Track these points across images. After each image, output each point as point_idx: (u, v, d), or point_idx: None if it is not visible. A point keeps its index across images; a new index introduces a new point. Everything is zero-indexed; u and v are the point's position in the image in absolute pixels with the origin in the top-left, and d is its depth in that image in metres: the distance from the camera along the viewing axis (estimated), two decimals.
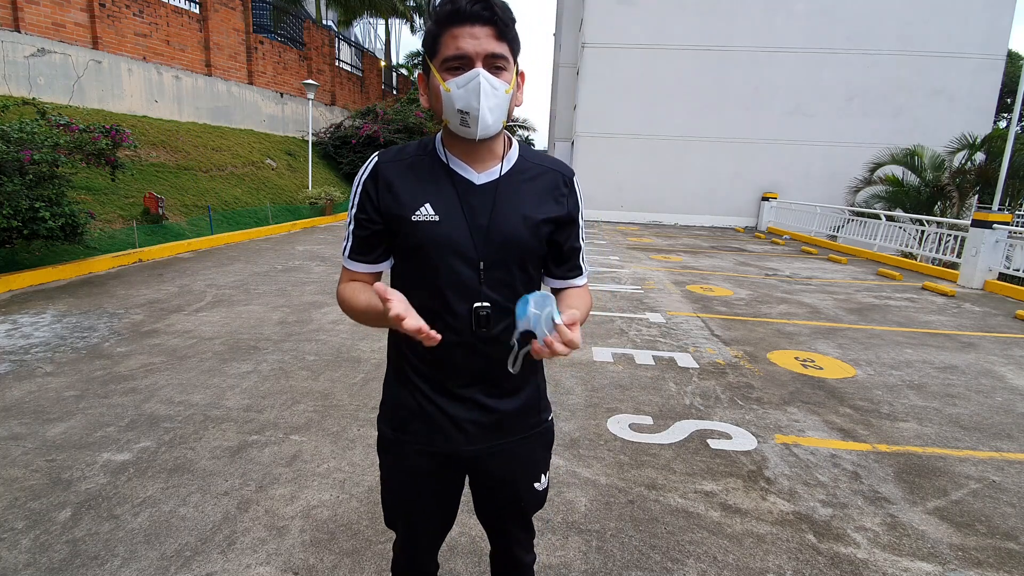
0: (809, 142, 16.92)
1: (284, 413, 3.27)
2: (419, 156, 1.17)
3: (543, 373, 1.34)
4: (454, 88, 1.04)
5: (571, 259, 1.26)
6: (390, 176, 1.15)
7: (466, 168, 1.14)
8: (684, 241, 13.24)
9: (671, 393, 3.78)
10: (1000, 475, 2.88)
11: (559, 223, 1.19)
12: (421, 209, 1.12)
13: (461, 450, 1.22)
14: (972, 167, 13.20)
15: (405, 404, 1.23)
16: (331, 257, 8.50)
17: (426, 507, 1.30)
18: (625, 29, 16.82)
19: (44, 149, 5.86)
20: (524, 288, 1.17)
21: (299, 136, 16.33)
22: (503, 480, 1.29)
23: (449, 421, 1.20)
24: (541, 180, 1.19)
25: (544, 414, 1.33)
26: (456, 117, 1.06)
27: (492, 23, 1.03)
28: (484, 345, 1.15)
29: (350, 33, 25.04)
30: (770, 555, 2.19)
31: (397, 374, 1.26)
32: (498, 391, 1.21)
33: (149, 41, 11.44)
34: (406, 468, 1.27)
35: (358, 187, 1.17)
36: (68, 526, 2.20)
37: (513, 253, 1.14)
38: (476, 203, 1.13)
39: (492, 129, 1.08)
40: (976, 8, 15.74)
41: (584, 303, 1.25)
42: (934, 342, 5.31)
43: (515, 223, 1.14)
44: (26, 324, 4.69)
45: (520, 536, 1.42)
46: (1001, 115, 24.07)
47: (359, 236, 1.18)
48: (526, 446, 1.29)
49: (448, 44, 1.04)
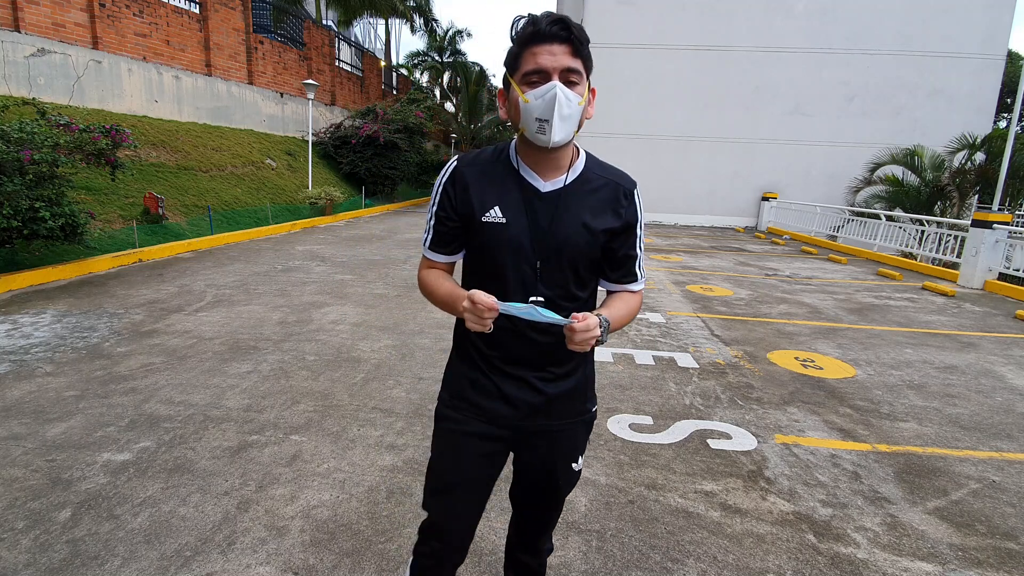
0: (809, 142, 16.91)
1: (284, 413, 3.27)
2: (493, 162, 1.29)
3: (592, 366, 1.45)
4: (532, 99, 1.14)
5: (625, 265, 1.35)
6: (467, 179, 1.27)
7: (534, 176, 1.26)
8: (684, 241, 13.24)
9: (671, 393, 3.78)
10: (1000, 475, 2.88)
11: (615, 233, 1.30)
12: (491, 212, 1.25)
13: (510, 425, 1.34)
14: (972, 167, 13.19)
15: (465, 376, 1.37)
16: (331, 257, 8.50)
17: (466, 478, 1.39)
18: (625, 29, 16.81)
19: (44, 149, 5.86)
20: (576, 288, 1.30)
21: (299, 136, 16.33)
22: (544, 459, 1.41)
23: (501, 395, 1.33)
24: (603, 192, 1.29)
25: (590, 404, 1.44)
26: (534, 125, 1.15)
27: (568, 42, 1.14)
28: (536, 334, 1.27)
29: (350, 33, 25.04)
30: (770, 555, 2.19)
31: (460, 353, 1.40)
32: (548, 375, 1.33)
33: (149, 41, 11.44)
34: (457, 432, 1.37)
35: (439, 187, 1.31)
36: (68, 526, 2.20)
37: (567, 256, 1.26)
38: (540, 209, 1.25)
39: (564, 138, 1.17)
40: (976, 8, 15.74)
41: (627, 307, 1.33)
42: (934, 342, 5.31)
43: (573, 230, 1.25)
44: (26, 324, 4.69)
45: (549, 517, 1.54)
46: (1001, 115, 24.06)
47: (439, 231, 1.32)
48: (569, 431, 1.41)
49: (528, 60, 1.15)
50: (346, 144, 16.92)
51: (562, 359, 1.32)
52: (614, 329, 1.25)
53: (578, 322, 1.11)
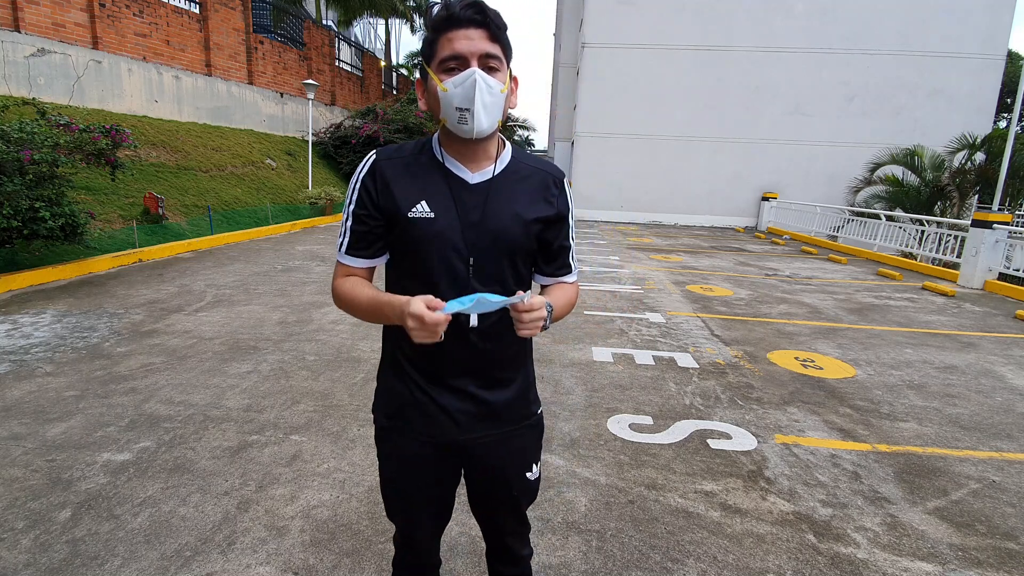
0: (809, 142, 16.91)
1: (284, 413, 3.27)
2: (416, 155, 1.21)
3: (532, 368, 1.38)
4: (451, 87, 1.08)
5: (560, 257, 1.31)
6: (388, 173, 1.18)
7: (461, 168, 1.18)
8: (684, 241, 13.24)
9: (671, 393, 3.78)
10: (1000, 475, 2.88)
11: (548, 222, 1.24)
12: (418, 206, 1.16)
13: (454, 439, 1.25)
14: (972, 167, 13.20)
15: (399, 393, 1.27)
16: (331, 257, 8.49)
17: (423, 496, 1.33)
18: (625, 29, 16.82)
19: (44, 149, 5.86)
20: (514, 283, 1.22)
21: (299, 136, 16.32)
22: (495, 469, 1.33)
23: (441, 410, 1.23)
24: (532, 180, 1.23)
25: (534, 406, 1.37)
26: (454, 115, 1.09)
27: (485, 26, 1.08)
28: (474, 337, 1.20)
29: (350, 33, 25.04)
30: (770, 555, 2.19)
31: (392, 365, 1.29)
32: (489, 383, 1.25)
33: (149, 41, 11.44)
34: (402, 456, 1.30)
35: (356, 183, 1.20)
36: (68, 526, 2.20)
37: (503, 249, 1.18)
38: (469, 201, 1.17)
39: (488, 127, 1.11)
40: (976, 8, 15.74)
41: (565, 296, 1.29)
42: (934, 342, 5.31)
43: (506, 221, 1.18)
44: (26, 324, 4.69)
45: (515, 527, 1.45)
46: (1001, 115, 24.05)
47: (357, 231, 1.21)
48: (517, 437, 1.33)
49: (444, 46, 1.09)
50: (346, 144, 16.91)
51: (504, 363, 1.25)
52: (556, 318, 1.20)
53: (526, 303, 1.05)
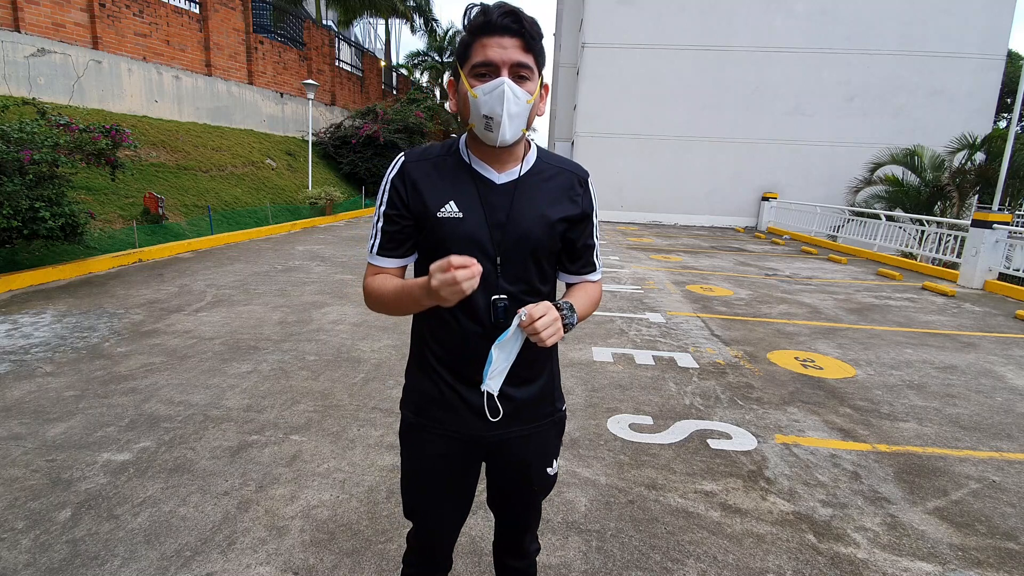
0: (809, 142, 16.91)
1: (284, 413, 3.27)
2: (444, 156, 1.23)
3: (557, 364, 1.40)
4: (480, 94, 1.09)
5: (584, 256, 1.32)
6: (416, 174, 1.21)
7: (487, 168, 1.21)
8: (684, 241, 13.24)
9: (671, 393, 3.78)
10: (1000, 475, 2.88)
11: (573, 221, 1.26)
12: (446, 206, 1.18)
13: (479, 435, 1.28)
14: (972, 167, 13.19)
15: (426, 391, 1.29)
16: (331, 257, 8.50)
17: (447, 488, 1.35)
18: (625, 29, 16.81)
19: (44, 149, 5.86)
20: (539, 282, 1.24)
21: (299, 136, 16.33)
22: (518, 464, 1.35)
23: (467, 407, 1.26)
24: (557, 180, 1.25)
25: (558, 403, 1.39)
26: (481, 122, 1.11)
27: (520, 35, 1.09)
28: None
29: (350, 33, 25.03)
30: (770, 555, 2.19)
31: (419, 362, 1.32)
32: (515, 380, 1.25)
33: (149, 41, 11.44)
34: (427, 452, 1.32)
35: (386, 185, 1.23)
36: (68, 526, 2.20)
37: (528, 248, 1.20)
38: (496, 201, 1.19)
39: (512, 137, 1.12)
40: (976, 8, 15.74)
41: (588, 296, 1.31)
42: (934, 342, 5.31)
43: (531, 221, 1.20)
44: (26, 324, 4.69)
45: (529, 520, 1.48)
46: (1001, 115, 24.04)
47: (388, 232, 1.24)
48: (540, 433, 1.35)
49: (478, 52, 1.10)
50: (346, 144, 16.92)
51: (529, 360, 1.26)
52: (581, 317, 1.21)
53: (526, 315, 1.05)
